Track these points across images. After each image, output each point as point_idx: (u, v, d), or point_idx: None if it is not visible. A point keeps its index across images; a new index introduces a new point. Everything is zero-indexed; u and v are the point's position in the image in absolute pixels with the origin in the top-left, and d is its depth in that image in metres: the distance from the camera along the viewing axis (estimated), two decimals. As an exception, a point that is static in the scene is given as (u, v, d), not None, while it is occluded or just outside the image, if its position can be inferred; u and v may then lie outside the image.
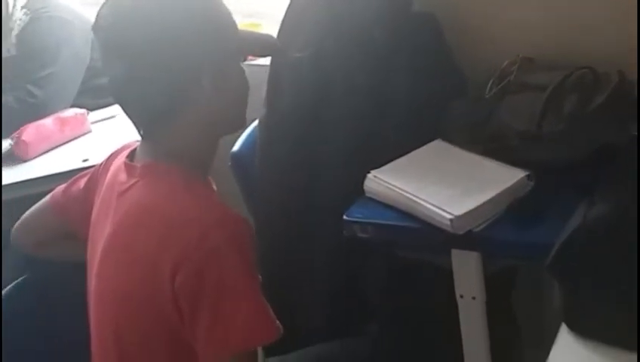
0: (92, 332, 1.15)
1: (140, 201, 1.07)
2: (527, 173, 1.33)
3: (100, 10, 1.07)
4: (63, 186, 1.29)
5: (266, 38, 1.18)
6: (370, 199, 1.40)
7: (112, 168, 1.18)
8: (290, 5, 1.64)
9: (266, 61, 1.70)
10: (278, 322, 1.02)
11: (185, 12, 1.05)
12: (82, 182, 1.26)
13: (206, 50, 1.06)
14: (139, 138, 1.15)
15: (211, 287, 0.98)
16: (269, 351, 1.38)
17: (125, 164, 1.12)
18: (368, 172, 1.41)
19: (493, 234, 1.27)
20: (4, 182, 1.71)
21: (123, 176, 1.11)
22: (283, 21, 1.64)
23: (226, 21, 1.10)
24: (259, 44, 1.18)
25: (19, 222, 1.33)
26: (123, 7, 1.05)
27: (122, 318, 1.06)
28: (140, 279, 1.03)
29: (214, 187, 1.18)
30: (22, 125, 1.84)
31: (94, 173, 1.25)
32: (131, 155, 1.14)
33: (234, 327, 0.98)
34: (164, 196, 1.06)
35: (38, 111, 1.91)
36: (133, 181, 1.09)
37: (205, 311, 0.98)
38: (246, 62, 1.15)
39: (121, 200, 1.09)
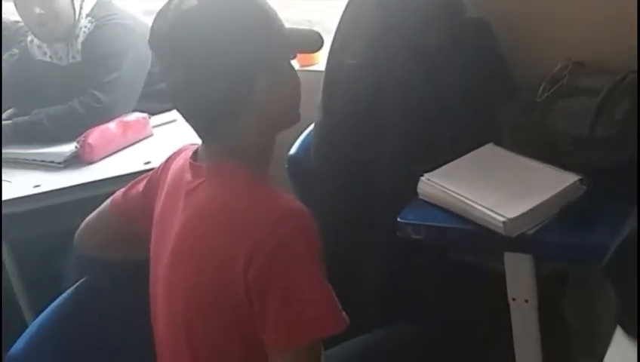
0: (160, 327, 1.18)
1: (209, 198, 1.11)
2: (579, 176, 1.34)
3: (153, 22, 1.10)
4: (122, 190, 1.34)
5: (310, 33, 1.20)
6: (424, 201, 1.42)
7: (173, 169, 1.22)
8: (344, 13, 1.67)
9: (321, 67, 1.74)
10: (344, 313, 1.04)
11: (236, 16, 1.07)
12: (141, 185, 1.30)
13: (261, 52, 1.08)
14: (196, 141, 1.18)
15: (281, 277, 1.01)
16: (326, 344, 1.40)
17: (190, 164, 1.16)
18: (422, 175, 1.43)
19: (545, 236, 1.28)
20: (70, 184, 1.79)
21: (189, 176, 1.15)
22: (337, 29, 1.68)
23: (274, 21, 1.13)
24: (304, 40, 1.20)
25: (81, 226, 1.37)
26: (177, 17, 1.06)
27: (194, 311, 1.10)
28: (213, 271, 1.06)
29: None
30: (87, 129, 1.90)
31: (153, 175, 1.29)
32: (194, 156, 1.18)
33: (303, 317, 1.01)
34: (232, 193, 1.10)
35: (103, 116, 1.96)
36: (200, 180, 1.12)
37: (276, 300, 1.01)
38: (301, 68, 1.18)
39: (190, 198, 1.13)
